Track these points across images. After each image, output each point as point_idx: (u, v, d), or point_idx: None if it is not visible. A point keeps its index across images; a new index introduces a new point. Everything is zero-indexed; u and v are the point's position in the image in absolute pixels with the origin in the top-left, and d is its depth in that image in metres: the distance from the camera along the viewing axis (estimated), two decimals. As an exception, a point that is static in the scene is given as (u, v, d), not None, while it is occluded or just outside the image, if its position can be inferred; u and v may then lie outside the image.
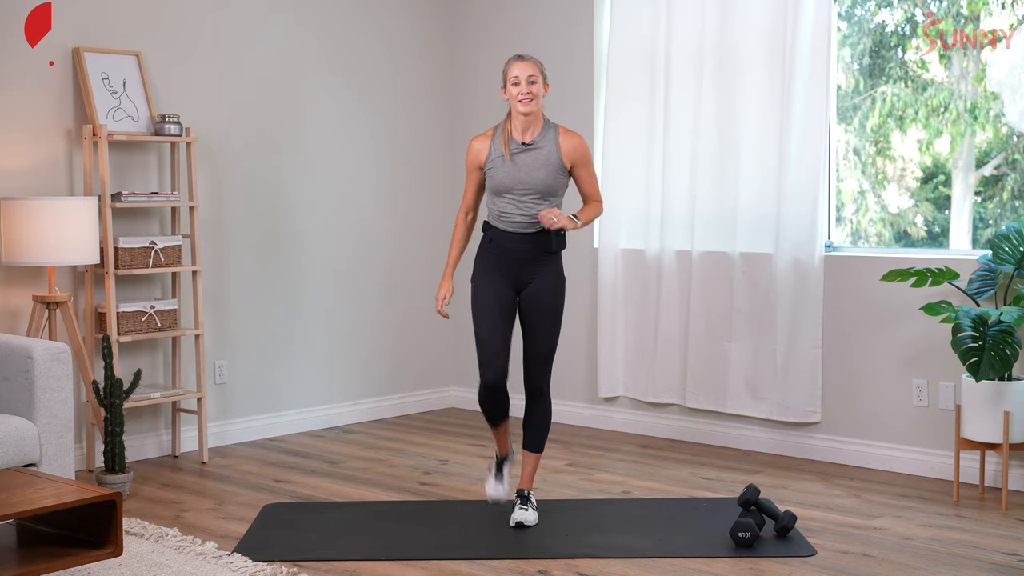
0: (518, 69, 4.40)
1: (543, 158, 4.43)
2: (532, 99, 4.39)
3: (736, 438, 5.80)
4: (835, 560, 4.05)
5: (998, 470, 4.96)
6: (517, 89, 4.39)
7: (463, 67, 6.85)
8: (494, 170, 4.47)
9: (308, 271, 6.25)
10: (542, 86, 4.43)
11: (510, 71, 4.42)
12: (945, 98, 5.49)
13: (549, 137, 4.46)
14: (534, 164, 4.43)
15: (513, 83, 4.40)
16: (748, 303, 5.68)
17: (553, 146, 4.45)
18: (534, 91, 4.39)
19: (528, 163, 4.43)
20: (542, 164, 4.43)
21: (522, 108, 4.39)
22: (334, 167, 6.35)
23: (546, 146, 4.44)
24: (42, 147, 5.27)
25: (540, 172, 4.43)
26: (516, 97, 4.40)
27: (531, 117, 4.42)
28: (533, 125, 4.45)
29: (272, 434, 6.12)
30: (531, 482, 4.62)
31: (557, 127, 4.50)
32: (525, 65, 4.41)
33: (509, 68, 4.43)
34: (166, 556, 4.04)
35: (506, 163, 4.44)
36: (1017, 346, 4.66)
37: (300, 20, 6.18)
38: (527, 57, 4.45)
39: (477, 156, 4.52)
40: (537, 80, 4.40)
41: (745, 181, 5.66)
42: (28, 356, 4.21)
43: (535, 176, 4.43)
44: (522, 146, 4.44)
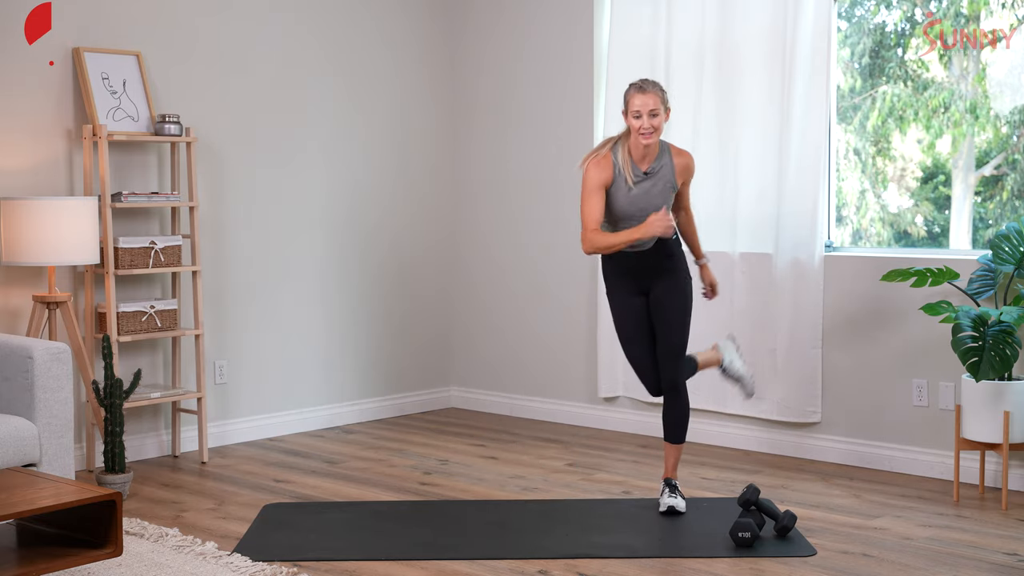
0: (639, 102, 4.42)
1: (661, 184, 4.51)
2: (653, 132, 4.42)
3: (736, 438, 5.80)
4: (835, 560, 4.05)
5: (998, 470, 4.96)
6: (639, 122, 4.42)
7: (463, 67, 6.85)
8: (614, 196, 4.51)
9: (308, 271, 6.25)
10: (663, 117, 4.45)
11: (632, 102, 4.44)
12: (945, 98, 5.49)
13: (665, 161, 4.53)
14: (653, 191, 4.50)
15: (635, 116, 4.42)
16: (748, 303, 5.68)
17: (669, 171, 4.53)
18: (656, 124, 4.42)
19: (648, 190, 4.50)
20: (660, 191, 4.51)
21: (643, 141, 4.44)
22: (334, 167, 6.35)
23: (665, 172, 4.52)
24: (42, 147, 5.27)
25: (659, 199, 4.51)
26: (638, 130, 4.43)
27: (651, 147, 4.47)
28: (652, 151, 4.50)
29: (272, 434, 6.12)
30: (675, 471, 4.72)
31: (669, 147, 4.56)
32: (647, 98, 4.41)
33: (631, 99, 4.44)
34: (166, 556, 4.04)
35: (628, 192, 4.49)
36: (1017, 346, 4.66)
37: (300, 20, 6.18)
38: (648, 88, 4.44)
39: (602, 176, 4.48)
40: (659, 112, 4.42)
41: (745, 181, 5.66)
42: (28, 356, 4.22)
43: (655, 203, 4.50)
44: (644, 175, 4.49)
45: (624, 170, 4.48)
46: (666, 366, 4.61)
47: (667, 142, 4.61)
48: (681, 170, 4.56)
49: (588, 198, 4.50)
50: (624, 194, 4.49)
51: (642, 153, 4.49)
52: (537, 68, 6.52)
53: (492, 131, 6.74)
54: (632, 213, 4.50)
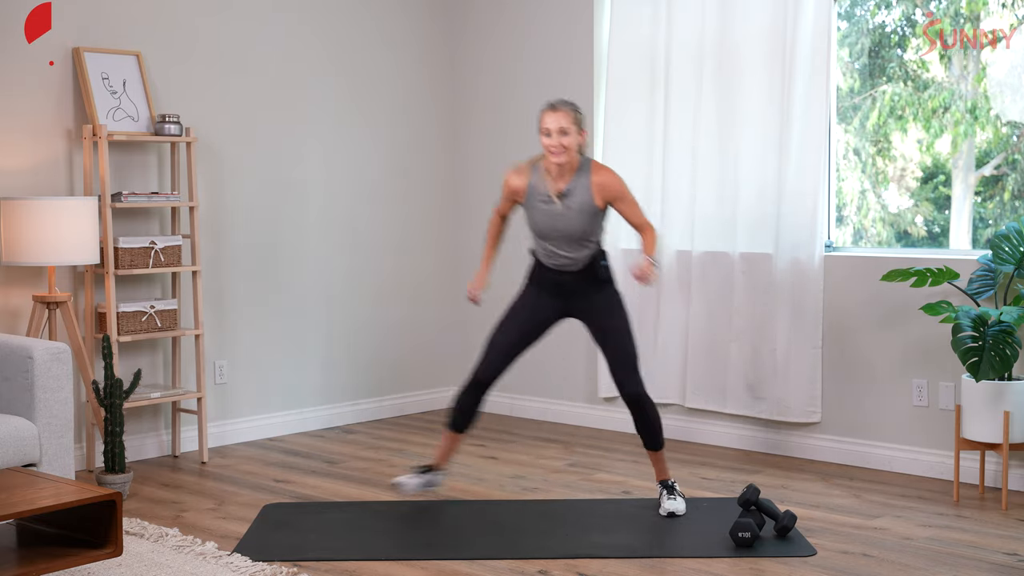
0: (549, 120, 4.42)
1: (578, 206, 4.47)
2: (563, 151, 4.40)
3: (736, 438, 5.80)
4: (835, 560, 4.05)
5: (998, 470, 4.96)
6: (548, 141, 4.41)
7: (463, 67, 6.85)
8: (531, 213, 4.54)
9: (308, 271, 6.25)
10: (576, 136, 4.42)
11: (542, 121, 4.44)
12: (945, 98, 5.49)
13: (582, 182, 4.48)
14: (569, 214, 4.47)
15: (544, 134, 4.42)
16: (748, 303, 5.68)
17: (586, 192, 4.47)
18: (565, 143, 4.40)
19: (563, 212, 4.47)
20: (577, 213, 4.47)
21: (553, 159, 4.43)
22: (334, 168, 6.35)
23: (579, 193, 4.47)
24: (42, 147, 5.27)
25: (575, 221, 4.47)
26: (548, 148, 4.42)
27: (564, 166, 4.44)
28: (567, 171, 4.47)
29: (272, 434, 6.12)
30: (668, 470, 4.70)
31: (590, 165, 4.51)
32: (556, 116, 4.41)
33: (542, 117, 4.45)
34: (166, 556, 4.04)
35: (542, 210, 4.49)
36: (1017, 346, 4.66)
37: (300, 21, 6.18)
38: (559, 107, 4.43)
39: (514, 194, 4.57)
40: (569, 132, 4.40)
41: (745, 181, 5.66)
42: (28, 356, 4.21)
43: (572, 225, 4.47)
44: (557, 195, 4.48)
45: (537, 187, 4.48)
46: (627, 379, 4.55)
47: (590, 159, 4.55)
48: (600, 191, 4.47)
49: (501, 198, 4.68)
50: (540, 212, 4.50)
51: (556, 171, 4.46)
52: (537, 68, 6.52)
53: (492, 131, 6.74)
54: (548, 232, 4.50)
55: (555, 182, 4.48)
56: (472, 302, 4.82)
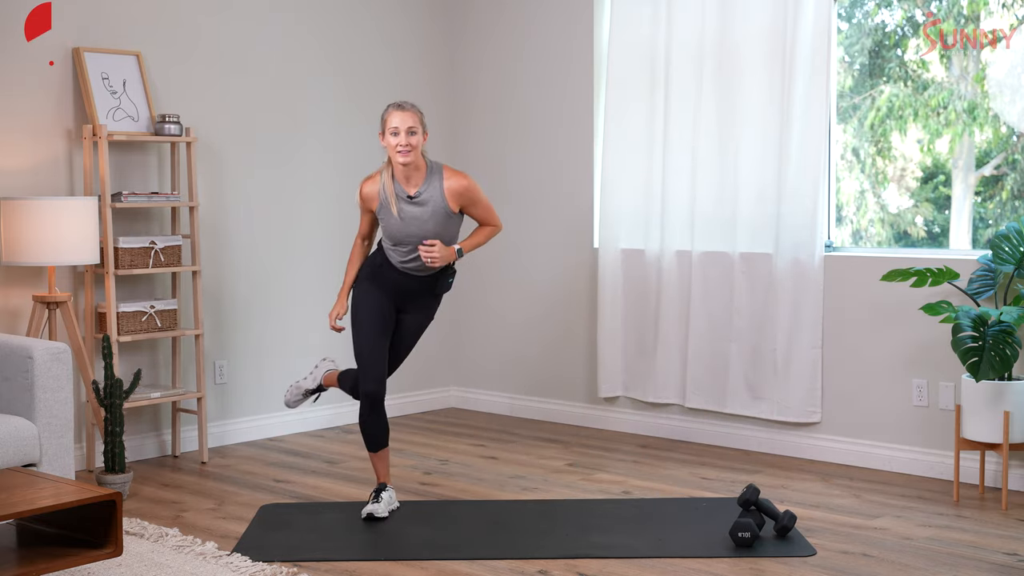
0: (397, 119, 4.39)
1: (431, 210, 4.46)
2: (411, 151, 4.38)
3: (736, 438, 5.80)
4: (835, 560, 4.05)
5: (998, 470, 4.96)
6: (396, 139, 4.38)
7: (463, 67, 6.85)
8: (384, 220, 4.50)
9: (308, 271, 6.25)
10: (421, 136, 4.41)
11: (389, 120, 4.40)
12: (945, 98, 5.49)
13: (434, 186, 4.46)
14: (422, 217, 4.45)
15: (392, 133, 4.39)
16: (748, 303, 5.68)
17: (439, 196, 4.46)
18: (413, 143, 4.38)
19: (416, 215, 4.45)
20: (430, 216, 4.46)
21: (400, 159, 4.39)
22: (334, 167, 6.35)
23: (432, 197, 4.46)
24: (42, 147, 5.27)
25: (429, 224, 4.46)
26: (395, 148, 4.39)
27: (411, 167, 4.43)
28: (415, 174, 4.46)
29: (272, 434, 6.12)
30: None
31: (442, 170, 4.50)
32: (405, 116, 4.39)
33: (388, 117, 4.41)
34: (166, 556, 4.04)
35: (394, 216, 4.45)
36: (1017, 346, 4.66)
37: (300, 21, 6.18)
38: (407, 107, 4.42)
39: (367, 202, 4.55)
40: (417, 131, 4.39)
41: (745, 181, 5.66)
42: (28, 356, 4.22)
43: (425, 228, 4.46)
44: (408, 199, 4.44)
45: (388, 194, 4.45)
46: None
47: (441, 164, 4.55)
48: (454, 197, 4.47)
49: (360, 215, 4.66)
50: (393, 218, 4.46)
51: (404, 174, 4.44)
52: (537, 68, 6.52)
53: (492, 131, 6.74)
54: (402, 239, 4.48)
55: (405, 185, 4.46)
56: (334, 330, 4.74)
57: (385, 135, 4.42)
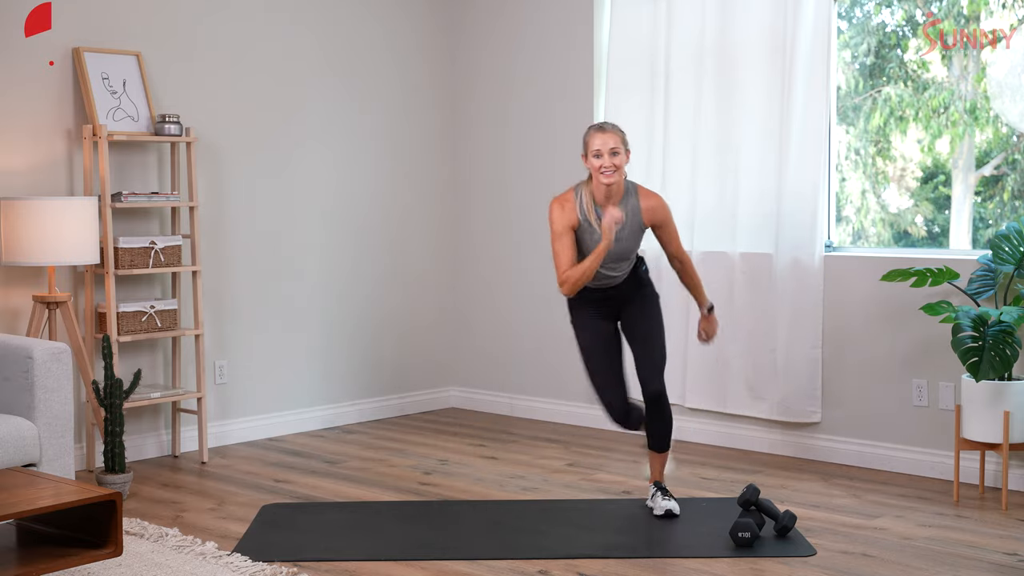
0: (599, 142, 4.39)
1: (628, 227, 4.47)
2: (615, 171, 4.39)
3: (736, 438, 5.80)
4: (835, 560, 4.05)
5: (998, 470, 4.96)
6: (600, 161, 4.39)
7: (463, 67, 6.85)
8: (582, 241, 4.48)
9: (308, 271, 6.25)
10: (624, 156, 4.42)
11: (592, 142, 4.41)
12: (945, 98, 5.49)
13: (631, 204, 4.49)
14: (620, 235, 4.46)
15: (595, 155, 4.39)
16: (748, 303, 5.68)
17: (636, 212, 4.49)
18: (617, 163, 4.39)
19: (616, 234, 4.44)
20: (628, 234, 4.48)
21: (605, 180, 4.39)
22: (334, 167, 6.35)
23: (629, 214, 4.47)
24: (42, 147, 5.27)
25: (626, 243, 4.48)
26: (599, 169, 4.39)
27: (613, 188, 4.43)
28: (615, 193, 4.46)
29: (272, 434, 6.12)
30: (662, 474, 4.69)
31: (636, 189, 4.53)
32: (607, 137, 4.39)
33: (591, 139, 4.42)
34: (166, 556, 4.04)
35: (592, 234, 4.45)
36: (1017, 346, 4.66)
37: (300, 20, 6.18)
38: (608, 128, 4.43)
39: (569, 218, 4.45)
40: (619, 151, 4.40)
41: (745, 181, 5.66)
42: (28, 356, 4.21)
43: (623, 247, 4.47)
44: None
45: (588, 214, 4.45)
46: (651, 378, 4.55)
47: (635, 183, 4.56)
48: (649, 215, 4.50)
49: (557, 241, 4.46)
50: (590, 237, 4.46)
51: (605, 194, 4.44)
52: (537, 68, 6.52)
53: (492, 130, 6.74)
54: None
55: (603, 205, 4.46)
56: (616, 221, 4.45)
57: (588, 157, 4.42)
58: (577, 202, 4.47)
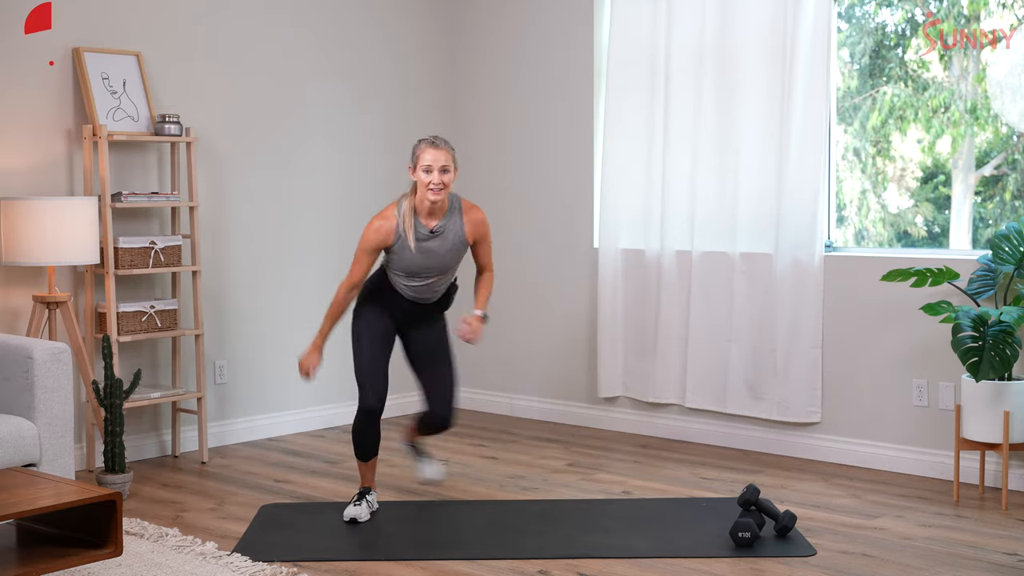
0: (431, 157, 4.35)
1: (450, 243, 4.47)
2: (443, 189, 4.36)
3: (736, 438, 5.80)
4: (835, 560, 4.05)
5: (998, 470, 4.96)
6: (429, 178, 4.34)
7: (463, 67, 6.84)
8: (399, 255, 4.45)
9: (308, 271, 6.25)
10: (453, 174, 4.39)
11: (423, 157, 4.36)
12: (945, 98, 5.49)
13: (455, 220, 4.47)
14: (440, 250, 4.45)
15: (424, 170, 4.35)
16: (748, 303, 5.68)
17: (459, 228, 4.48)
18: (446, 180, 4.36)
19: (434, 249, 4.44)
20: (448, 249, 4.47)
21: (431, 197, 4.36)
22: (334, 167, 6.35)
23: (452, 230, 4.46)
24: (42, 147, 5.27)
25: (446, 257, 4.48)
26: (427, 185, 4.35)
27: (437, 204, 4.41)
28: (439, 209, 4.44)
29: (272, 434, 6.12)
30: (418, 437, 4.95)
31: (460, 202, 4.50)
32: (439, 153, 4.36)
33: (421, 153, 4.37)
34: (166, 556, 4.04)
35: (411, 250, 4.42)
36: (1017, 346, 4.66)
37: (300, 20, 6.18)
38: (440, 144, 4.39)
39: (384, 239, 4.42)
40: (450, 169, 4.37)
41: (745, 181, 5.66)
42: (28, 356, 4.21)
43: (442, 261, 4.48)
44: (429, 233, 4.43)
45: (406, 230, 4.40)
46: (445, 406, 4.65)
47: (459, 197, 4.54)
48: (472, 231, 4.49)
49: (357, 259, 4.47)
50: (409, 252, 4.42)
51: (428, 209, 4.41)
52: (537, 68, 6.52)
53: (492, 130, 6.73)
54: (418, 271, 4.47)
55: (425, 220, 4.43)
56: (305, 378, 4.68)
57: (416, 170, 4.39)
58: (398, 218, 4.42)
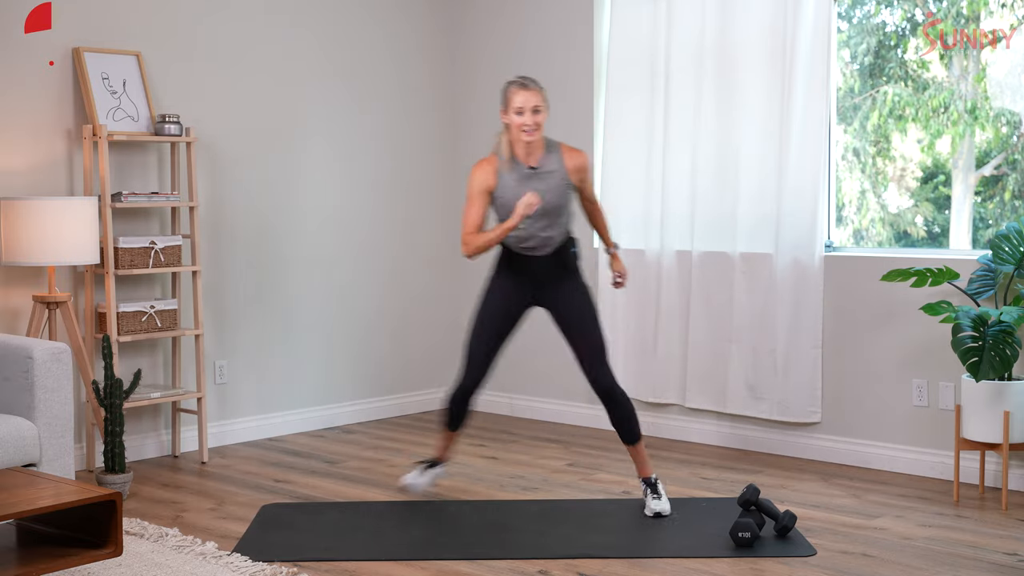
0: (521, 99, 4.37)
1: (554, 182, 4.45)
2: (536, 129, 4.38)
3: (736, 438, 5.80)
4: (835, 560, 4.05)
5: (998, 470, 4.96)
6: (521, 119, 4.37)
7: (463, 67, 6.85)
8: (502, 198, 4.47)
9: (308, 271, 6.25)
10: (545, 114, 4.41)
11: (514, 99, 4.38)
12: (945, 98, 5.49)
13: (554, 158, 4.47)
14: (544, 188, 4.44)
15: (517, 112, 4.38)
16: (748, 303, 5.68)
17: (560, 167, 4.47)
18: (539, 120, 4.38)
19: (538, 188, 4.43)
20: (553, 187, 4.45)
21: (526, 138, 4.39)
22: (334, 167, 6.35)
23: (554, 168, 4.46)
24: (42, 147, 5.27)
25: (551, 197, 4.45)
26: (520, 126, 4.38)
27: (533, 144, 4.42)
28: (536, 148, 4.45)
29: (272, 434, 6.12)
30: (649, 467, 4.68)
31: (559, 146, 4.51)
32: (529, 95, 4.38)
33: (512, 96, 4.39)
34: (166, 556, 4.04)
35: (515, 188, 4.43)
36: (1017, 346, 4.66)
37: (300, 20, 6.18)
38: (531, 85, 4.40)
39: (486, 180, 4.46)
40: (541, 109, 4.39)
41: (745, 181, 5.66)
42: (28, 356, 4.21)
43: (547, 199, 4.44)
44: (530, 170, 4.44)
45: (507, 170, 4.43)
46: (598, 370, 4.56)
47: (557, 141, 4.55)
48: (574, 170, 4.50)
49: (470, 203, 4.48)
50: (512, 192, 4.43)
51: (525, 150, 4.44)
52: (537, 68, 6.49)
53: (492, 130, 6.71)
54: None
55: (524, 159, 4.45)
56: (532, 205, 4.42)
57: (508, 112, 4.39)
58: (495, 161, 4.46)
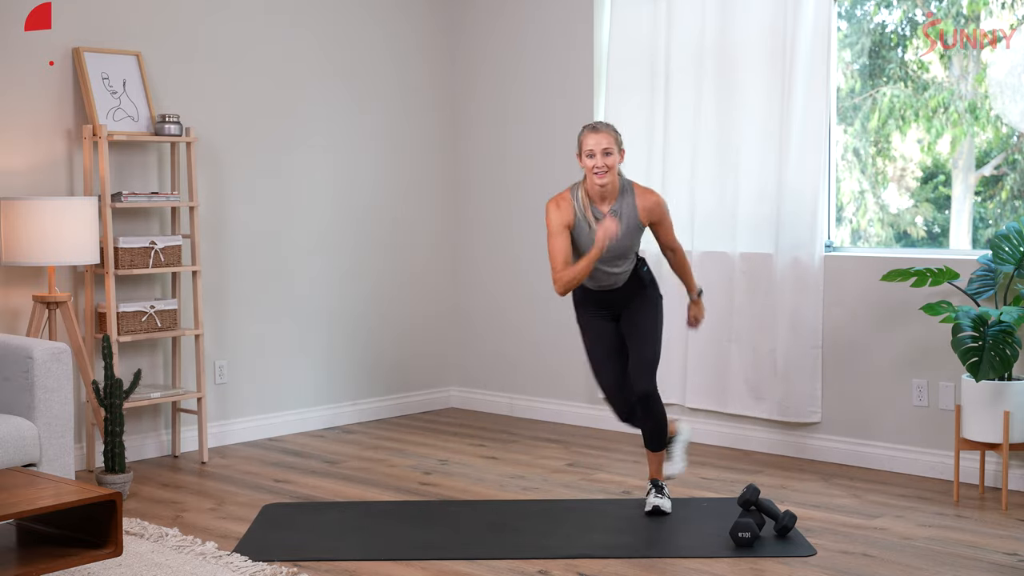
0: (592, 142, 4.39)
1: (624, 226, 4.45)
2: (607, 171, 4.39)
3: (736, 438, 5.80)
4: (835, 560, 4.05)
5: (998, 470, 4.96)
6: (592, 162, 4.39)
7: (463, 67, 6.85)
8: (577, 238, 4.48)
9: (308, 270, 6.25)
10: (617, 155, 4.42)
11: (585, 142, 4.41)
12: (945, 98, 5.49)
13: (628, 202, 4.48)
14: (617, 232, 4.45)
15: (588, 155, 4.39)
16: (748, 303, 5.68)
17: (632, 211, 4.48)
18: (609, 163, 4.39)
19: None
20: (624, 231, 4.45)
21: (597, 181, 4.40)
22: (334, 167, 6.35)
23: (626, 212, 4.47)
24: (42, 147, 5.27)
25: (623, 240, 4.46)
26: (591, 169, 4.39)
27: (607, 187, 4.43)
28: (611, 192, 4.46)
29: (272, 434, 6.12)
30: (660, 472, 4.69)
31: (632, 187, 4.51)
32: (600, 137, 4.39)
33: (584, 139, 4.42)
34: (166, 556, 4.04)
35: (588, 232, 4.44)
36: (1017, 346, 4.66)
37: (300, 20, 6.18)
38: (601, 128, 4.43)
39: (564, 216, 4.44)
40: (612, 151, 4.39)
41: (745, 181, 5.66)
42: (28, 356, 4.21)
43: (620, 245, 4.45)
44: (604, 215, 4.45)
45: (584, 213, 4.44)
46: (640, 377, 4.56)
47: (632, 182, 4.55)
48: (645, 211, 4.49)
49: (552, 240, 4.46)
50: (586, 236, 4.45)
51: (599, 194, 4.44)
52: (537, 68, 6.52)
53: (492, 130, 6.74)
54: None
55: (600, 204, 4.46)
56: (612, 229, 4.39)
57: (582, 156, 4.42)
58: (574, 201, 4.47)
